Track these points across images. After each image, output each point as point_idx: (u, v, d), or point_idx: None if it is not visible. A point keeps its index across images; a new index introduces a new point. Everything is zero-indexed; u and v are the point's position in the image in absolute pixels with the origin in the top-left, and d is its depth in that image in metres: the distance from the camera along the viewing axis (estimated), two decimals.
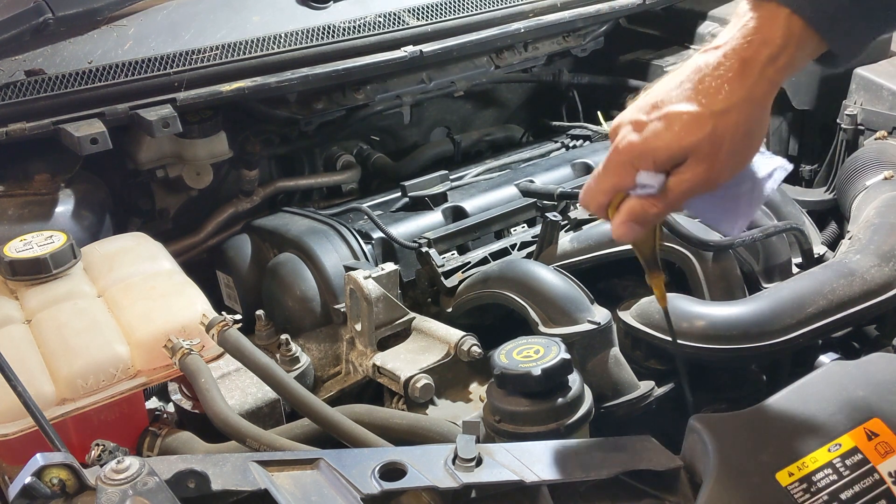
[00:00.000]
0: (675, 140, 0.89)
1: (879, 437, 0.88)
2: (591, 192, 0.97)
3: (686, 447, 0.91)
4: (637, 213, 0.94)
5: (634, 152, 0.91)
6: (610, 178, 0.94)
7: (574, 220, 1.53)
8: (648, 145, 0.90)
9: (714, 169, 0.90)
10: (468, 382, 1.31)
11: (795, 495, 0.83)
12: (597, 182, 0.96)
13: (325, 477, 0.84)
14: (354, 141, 2.05)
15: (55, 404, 1.10)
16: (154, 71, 1.56)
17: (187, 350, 1.14)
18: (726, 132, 0.89)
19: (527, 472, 0.84)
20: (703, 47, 0.93)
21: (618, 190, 0.95)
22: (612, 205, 0.96)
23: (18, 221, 1.47)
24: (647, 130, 0.91)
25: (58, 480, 0.77)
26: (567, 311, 1.24)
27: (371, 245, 1.56)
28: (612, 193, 0.95)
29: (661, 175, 0.91)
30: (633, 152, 0.91)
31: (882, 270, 1.30)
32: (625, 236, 0.96)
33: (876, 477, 0.86)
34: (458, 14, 1.86)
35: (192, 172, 1.78)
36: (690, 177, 0.91)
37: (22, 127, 1.45)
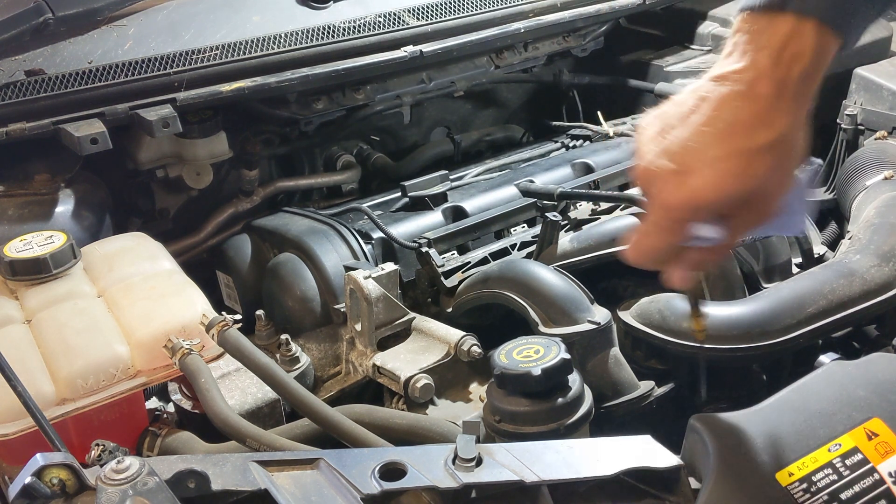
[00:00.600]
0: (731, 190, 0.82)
1: (879, 437, 0.88)
2: (645, 252, 0.90)
3: (686, 447, 0.91)
4: (698, 263, 0.91)
5: (689, 210, 0.84)
6: (664, 237, 0.87)
7: (574, 220, 1.53)
8: (702, 200, 0.82)
9: (773, 203, 0.85)
10: (468, 382, 1.31)
11: (795, 495, 0.83)
12: (649, 241, 0.88)
13: (325, 477, 0.84)
14: (354, 141, 2.05)
15: (55, 404, 1.10)
16: (154, 71, 1.56)
17: (187, 350, 1.14)
18: (779, 164, 0.82)
19: (527, 472, 0.84)
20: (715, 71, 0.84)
21: (674, 246, 0.88)
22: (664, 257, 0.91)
23: (18, 221, 1.47)
24: (694, 182, 0.82)
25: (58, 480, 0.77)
26: (567, 311, 1.24)
27: (371, 245, 1.56)
28: (668, 251, 0.89)
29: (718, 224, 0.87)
30: (688, 210, 0.84)
31: (882, 270, 1.30)
32: (684, 284, 0.93)
33: (876, 477, 0.86)
34: (458, 14, 1.86)
35: (192, 172, 1.78)
36: (751, 218, 0.86)
37: (22, 127, 1.45)
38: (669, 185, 0.83)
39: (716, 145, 0.81)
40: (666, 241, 0.87)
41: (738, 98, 0.81)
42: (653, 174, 0.85)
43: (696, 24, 2.18)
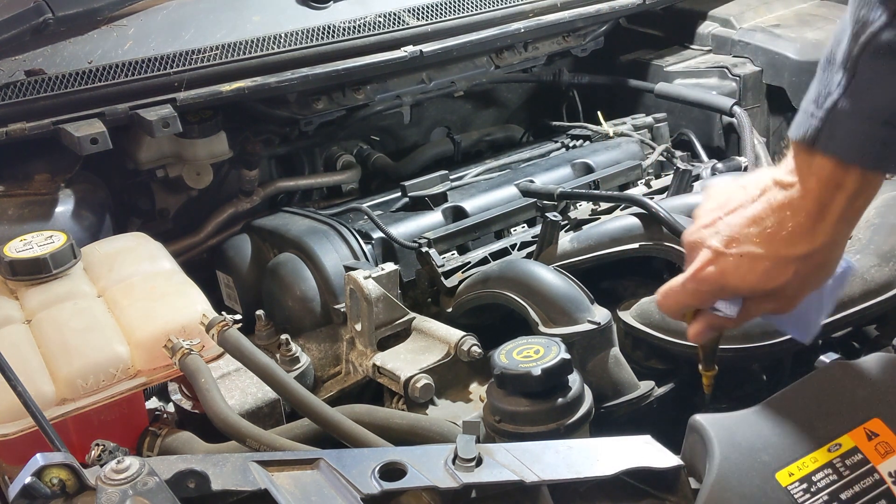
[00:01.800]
0: (757, 284, 0.92)
1: (879, 437, 0.88)
2: (670, 304, 1.01)
3: (686, 447, 0.91)
4: (714, 326, 1.01)
5: (715, 286, 0.95)
6: (689, 298, 0.99)
7: (574, 220, 1.53)
8: (729, 283, 0.94)
9: (792, 302, 0.95)
10: (468, 382, 1.31)
11: (795, 495, 0.83)
12: (676, 298, 1.00)
13: (325, 477, 0.84)
14: (354, 141, 2.05)
15: (55, 404, 1.10)
16: (154, 71, 1.56)
17: (187, 350, 1.14)
18: (808, 275, 0.92)
19: (527, 472, 0.84)
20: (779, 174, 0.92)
21: (696, 308, 1.01)
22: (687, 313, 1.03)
23: (18, 221, 1.47)
24: (727, 266, 0.93)
25: (58, 480, 0.77)
26: (567, 311, 1.24)
27: (371, 245, 1.56)
28: (690, 309, 1.02)
29: (738, 302, 0.97)
30: (714, 286, 0.95)
31: (882, 270, 1.30)
32: (699, 340, 1.04)
33: (876, 477, 0.86)
34: (458, 14, 1.86)
35: (192, 172, 1.78)
36: (768, 307, 0.96)
37: (22, 127, 1.45)
38: (707, 261, 0.95)
39: (757, 243, 0.92)
40: (689, 303, 1.00)
41: (787, 208, 0.90)
42: (698, 245, 0.97)
43: (696, 24, 2.18)
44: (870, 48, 0.82)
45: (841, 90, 0.85)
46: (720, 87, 2.00)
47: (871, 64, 0.83)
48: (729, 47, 2.09)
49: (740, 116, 1.89)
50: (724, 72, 2.01)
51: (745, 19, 2.12)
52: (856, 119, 0.84)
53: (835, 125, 0.85)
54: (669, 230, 1.36)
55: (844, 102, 0.85)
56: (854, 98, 0.84)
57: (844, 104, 0.85)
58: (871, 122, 0.84)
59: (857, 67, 0.84)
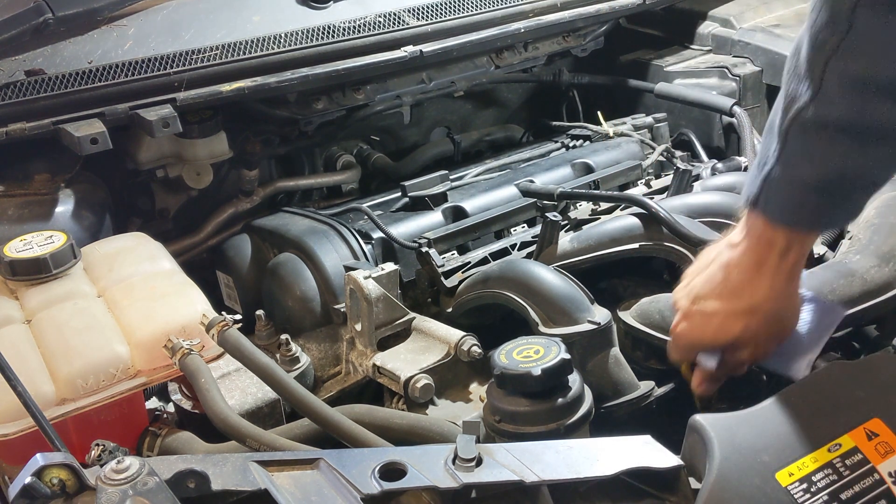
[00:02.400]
0: (716, 336, 1.04)
1: (879, 437, 0.88)
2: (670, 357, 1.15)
3: (686, 447, 0.91)
4: (706, 376, 1.10)
5: (686, 341, 1.08)
6: (674, 353, 1.13)
7: (574, 220, 1.53)
8: (695, 338, 1.07)
9: (758, 351, 1.05)
10: (468, 382, 1.31)
11: (795, 495, 0.83)
12: (669, 348, 1.14)
13: (325, 477, 0.84)
14: (354, 141, 2.05)
15: (55, 404, 1.10)
16: (154, 71, 1.56)
17: (187, 350, 1.14)
18: (759, 326, 1.01)
19: (527, 472, 0.84)
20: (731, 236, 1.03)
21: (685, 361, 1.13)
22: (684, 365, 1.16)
23: (18, 221, 1.47)
24: (693, 323, 1.06)
25: (58, 480, 0.77)
26: (567, 311, 1.24)
27: (371, 245, 1.56)
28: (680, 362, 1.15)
29: (716, 354, 1.07)
30: (685, 341, 1.08)
31: (882, 270, 1.29)
32: (703, 392, 1.12)
33: (876, 477, 0.86)
34: (458, 14, 1.86)
35: (192, 172, 1.78)
36: (741, 356, 1.06)
37: (22, 127, 1.45)
38: (679, 319, 1.08)
39: (711, 300, 1.03)
40: (675, 357, 1.13)
41: (733, 266, 1.01)
42: (675, 305, 1.09)
43: (696, 24, 2.18)
44: (797, 122, 0.91)
45: (775, 159, 0.94)
46: (720, 87, 2.00)
47: (798, 136, 0.91)
48: (729, 47, 2.09)
49: (740, 116, 1.89)
50: (724, 72, 2.01)
51: (745, 19, 2.12)
52: (787, 185, 0.94)
53: (770, 190, 0.95)
54: (669, 230, 1.36)
55: (777, 170, 0.94)
56: (785, 166, 0.93)
57: (777, 171, 0.94)
58: (801, 189, 0.93)
59: (787, 138, 0.92)
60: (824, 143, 0.90)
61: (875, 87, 0.86)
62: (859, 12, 0.84)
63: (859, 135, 0.89)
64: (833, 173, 0.91)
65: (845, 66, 0.87)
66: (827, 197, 0.93)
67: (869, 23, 0.85)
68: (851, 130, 0.89)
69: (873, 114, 0.87)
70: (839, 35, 0.86)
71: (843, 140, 0.89)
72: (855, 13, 0.85)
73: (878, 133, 0.88)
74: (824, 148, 0.90)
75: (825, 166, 0.91)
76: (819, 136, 0.90)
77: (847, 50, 0.86)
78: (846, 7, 0.85)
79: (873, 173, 0.93)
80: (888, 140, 0.89)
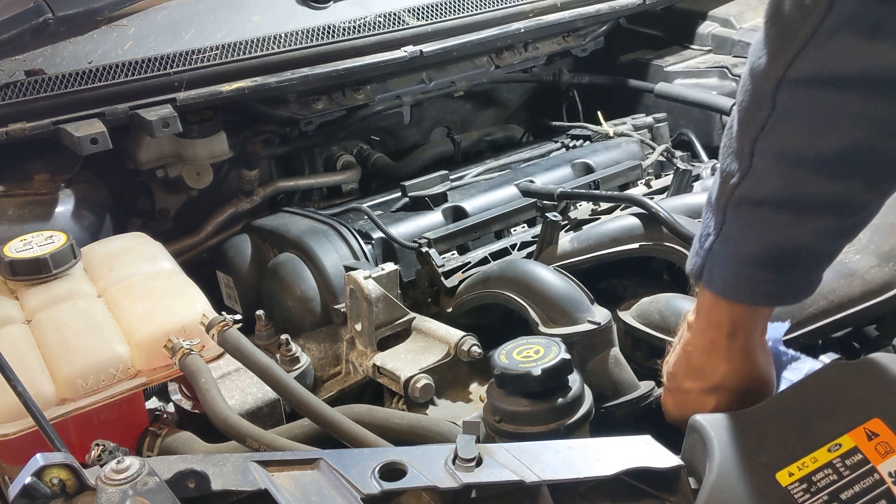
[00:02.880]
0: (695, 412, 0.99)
1: (879, 437, 0.88)
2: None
3: (686, 447, 0.91)
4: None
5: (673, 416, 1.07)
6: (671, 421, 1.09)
7: (574, 220, 1.53)
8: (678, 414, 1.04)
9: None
10: (468, 382, 1.31)
11: (795, 495, 0.83)
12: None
13: (325, 477, 0.84)
14: (354, 141, 2.05)
15: (55, 404, 1.10)
16: (154, 71, 1.56)
17: (187, 350, 1.14)
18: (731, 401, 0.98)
19: (527, 473, 0.84)
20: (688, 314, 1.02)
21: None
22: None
23: (18, 221, 1.47)
24: (674, 399, 1.05)
25: (58, 480, 0.77)
26: (567, 311, 1.24)
27: (371, 245, 1.56)
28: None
29: None
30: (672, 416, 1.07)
31: (882, 270, 1.30)
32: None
33: (876, 477, 0.86)
34: (458, 14, 1.86)
35: (192, 172, 1.78)
36: None
37: (22, 127, 1.45)
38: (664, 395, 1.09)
39: (682, 379, 1.02)
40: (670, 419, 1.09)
41: (689, 348, 1.01)
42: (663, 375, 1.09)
43: (696, 24, 2.18)
44: (733, 198, 0.91)
45: (715, 234, 0.93)
46: (720, 87, 2.00)
47: (734, 212, 0.91)
48: (729, 47, 2.09)
49: None
50: (724, 72, 2.01)
51: (745, 19, 2.12)
52: (728, 260, 0.92)
53: (712, 264, 0.94)
54: (669, 230, 1.36)
55: (718, 245, 0.93)
56: (725, 241, 0.92)
57: (718, 246, 0.93)
58: (742, 264, 0.92)
59: (725, 214, 0.92)
60: (760, 218, 0.90)
61: (804, 164, 0.86)
62: (782, 90, 0.84)
63: (795, 209, 0.88)
64: (773, 248, 0.90)
65: (773, 144, 0.87)
66: (770, 271, 0.91)
67: (792, 101, 0.85)
68: (786, 206, 0.88)
69: (807, 189, 0.87)
70: (764, 114, 0.86)
71: (779, 215, 0.89)
72: (778, 91, 0.85)
73: (814, 207, 0.88)
74: (761, 223, 0.90)
75: (764, 241, 0.90)
76: (754, 212, 0.89)
77: (773, 129, 0.86)
78: (769, 87, 0.85)
79: (817, 246, 0.91)
80: (826, 212, 0.88)
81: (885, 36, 0.79)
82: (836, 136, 0.84)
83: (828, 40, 0.80)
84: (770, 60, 0.85)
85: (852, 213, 0.89)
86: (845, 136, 0.84)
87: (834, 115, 0.84)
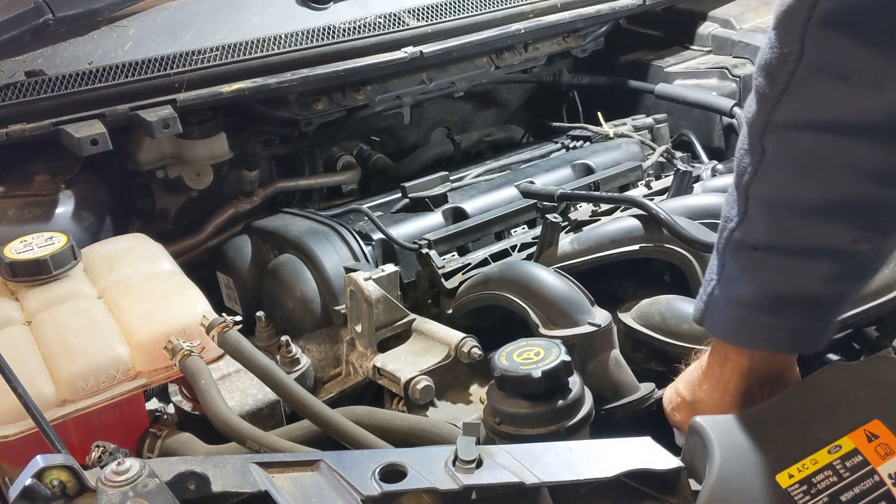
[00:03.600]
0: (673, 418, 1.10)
1: (879, 439, 0.88)
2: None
3: (686, 448, 0.91)
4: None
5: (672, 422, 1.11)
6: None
7: (574, 221, 1.53)
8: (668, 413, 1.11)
9: None
10: (468, 384, 1.31)
11: (796, 497, 0.83)
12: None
13: (326, 478, 0.84)
14: (354, 141, 2.05)
15: (55, 406, 1.10)
16: (154, 71, 1.56)
17: (187, 351, 1.14)
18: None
19: (527, 474, 0.84)
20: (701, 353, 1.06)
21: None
22: None
23: (19, 222, 1.47)
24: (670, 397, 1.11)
25: (58, 482, 0.77)
26: (567, 312, 1.24)
27: (371, 246, 1.56)
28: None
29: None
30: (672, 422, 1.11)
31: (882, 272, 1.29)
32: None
33: (876, 479, 0.86)
34: (458, 15, 1.86)
35: (192, 173, 1.78)
36: None
37: (22, 128, 1.45)
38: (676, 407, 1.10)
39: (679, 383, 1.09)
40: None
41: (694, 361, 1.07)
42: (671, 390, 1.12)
43: (696, 25, 2.18)
44: (730, 243, 0.93)
45: (717, 278, 0.95)
46: (720, 88, 2.00)
47: (733, 257, 0.93)
48: (729, 48, 2.09)
49: (740, 117, 1.89)
50: (724, 72, 2.01)
51: (745, 20, 2.12)
52: (727, 304, 0.95)
53: (713, 308, 0.96)
54: (669, 232, 1.36)
55: (718, 288, 0.95)
56: (724, 285, 0.94)
57: (718, 290, 0.95)
58: (740, 308, 0.93)
59: (725, 259, 0.93)
60: (755, 262, 0.91)
61: (794, 210, 0.87)
62: (768, 136, 0.86)
63: (788, 254, 0.89)
64: (768, 291, 0.91)
65: (762, 189, 0.89)
66: (766, 315, 0.92)
67: (777, 146, 0.86)
68: (779, 251, 0.89)
69: (798, 235, 0.88)
70: (756, 160, 0.88)
71: (774, 259, 0.90)
72: (765, 137, 0.87)
73: (806, 252, 0.88)
74: (756, 267, 0.91)
75: (760, 285, 0.92)
76: (749, 256, 0.91)
77: (762, 174, 0.88)
78: (757, 133, 0.87)
79: (815, 290, 0.91)
80: (819, 257, 0.88)
81: (855, 82, 0.80)
82: (817, 181, 0.86)
83: (802, 86, 0.83)
84: (758, 107, 0.87)
85: (848, 257, 0.89)
86: (826, 181, 0.86)
87: (813, 160, 0.85)
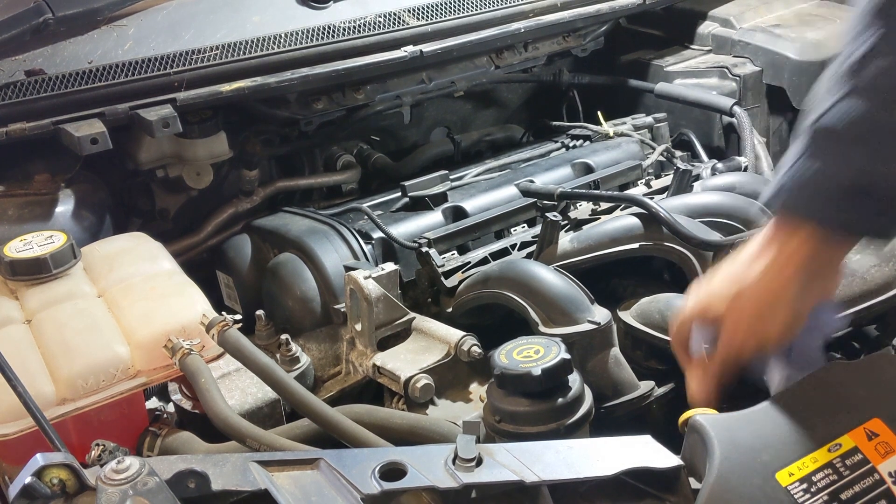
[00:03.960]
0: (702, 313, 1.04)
1: (879, 437, 0.88)
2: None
3: (686, 447, 0.91)
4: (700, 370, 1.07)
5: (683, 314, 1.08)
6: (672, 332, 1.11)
7: (574, 219, 1.53)
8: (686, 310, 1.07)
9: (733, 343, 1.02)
10: (468, 382, 1.31)
11: (796, 495, 0.83)
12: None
13: (326, 477, 0.84)
14: (354, 141, 2.05)
15: (55, 404, 1.10)
16: (154, 71, 1.56)
17: (187, 350, 1.14)
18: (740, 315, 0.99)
19: (527, 473, 0.84)
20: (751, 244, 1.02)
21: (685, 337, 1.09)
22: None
23: (18, 221, 1.47)
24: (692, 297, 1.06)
25: (58, 480, 0.77)
26: (567, 311, 1.24)
27: (371, 245, 1.56)
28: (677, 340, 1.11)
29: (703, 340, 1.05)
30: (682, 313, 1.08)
31: (882, 270, 1.29)
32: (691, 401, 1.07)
33: (876, 477, 0.86)
34: (458, 14, 1.86)
35: (192, 172, 1.78)
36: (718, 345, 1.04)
37: (22, 127, 1.45)
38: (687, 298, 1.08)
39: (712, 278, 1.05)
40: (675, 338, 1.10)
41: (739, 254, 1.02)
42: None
43: (696, 24, 2.18)
44: (822, 124, 0.92)
45: (801, 156, 0.94)
46: (720, 87, 2.00)
47: (825, 136, 0.92)
48: (729, 47, 2.09)
49: (740, 116, 1.89)
50: (724, 72, 2.01)
51: (745, 19, 2.12)
52: (811, 181, 0.93)
53: (794, 185, 0.94)
54: (669, 230, 1.36)
55: (801, 167, 0.94)
56: (808, 164, 0.93)
57: (801, 169, 0.94)
58: (824, 187, 0.92)
59: (815, 138, 0.93)
60: (850, 140, 0.90)
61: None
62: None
63: (889, 133, 0.89)
64: (856, 174, 0.90)
65: (879, 64, 0.88)
66: (849, 197, 0.91)
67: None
68: (879, 130, 0.89)
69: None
70: (875, 32, 0.88)
71: (869, 140, 0.89)
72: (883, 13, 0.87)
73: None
74: (850, 148, 0.90)
75: (849, 167, 0.90)
76: (842, 137, 0.90)
77: (879, 49, 0.88)
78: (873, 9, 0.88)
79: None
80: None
81: None
82: None
83: None
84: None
85: None
86: None
87: None
